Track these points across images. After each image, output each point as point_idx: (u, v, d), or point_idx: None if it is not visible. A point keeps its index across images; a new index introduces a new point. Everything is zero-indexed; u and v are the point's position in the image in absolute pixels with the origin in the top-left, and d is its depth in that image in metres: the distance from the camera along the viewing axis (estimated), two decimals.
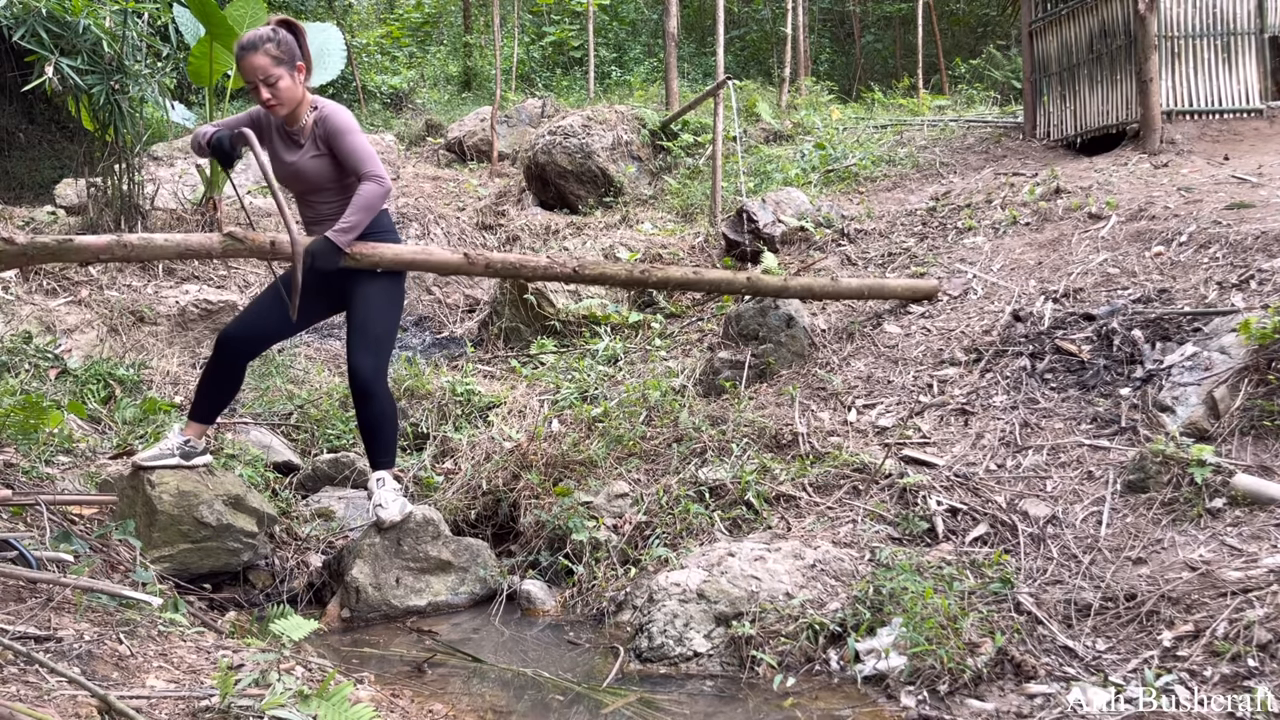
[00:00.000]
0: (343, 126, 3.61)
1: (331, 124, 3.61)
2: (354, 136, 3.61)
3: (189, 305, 7.01)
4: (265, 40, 3.53)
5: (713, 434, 4.30)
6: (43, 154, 11.47)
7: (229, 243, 3.42)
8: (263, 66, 3.50)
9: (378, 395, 3.75)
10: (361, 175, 3.58)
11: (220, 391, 3.78)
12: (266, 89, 3.52)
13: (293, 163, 3.67)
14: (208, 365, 3.76)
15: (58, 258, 3.43)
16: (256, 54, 3.50)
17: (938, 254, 5.73)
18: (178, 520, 3.66)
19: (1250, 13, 8.04)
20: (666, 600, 3.20)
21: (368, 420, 3.79)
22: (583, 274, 4.31)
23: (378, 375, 3.75)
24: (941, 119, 10.80)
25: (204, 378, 3.77)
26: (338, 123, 3.61)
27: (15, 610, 2.65)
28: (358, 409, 3.80)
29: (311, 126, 3.64)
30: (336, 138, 3.59)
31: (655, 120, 9.84)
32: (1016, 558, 3.25)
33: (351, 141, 3.60)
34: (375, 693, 2.66)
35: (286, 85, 3.55)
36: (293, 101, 3.58)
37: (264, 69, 3.51)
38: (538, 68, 18.14)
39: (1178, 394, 3.68)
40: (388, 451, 3.84)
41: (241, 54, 3.51)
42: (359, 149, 3.59)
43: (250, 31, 3.58)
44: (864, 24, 20.08)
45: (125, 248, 3.39)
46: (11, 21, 6.50)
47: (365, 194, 3.56)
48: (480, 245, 9.59)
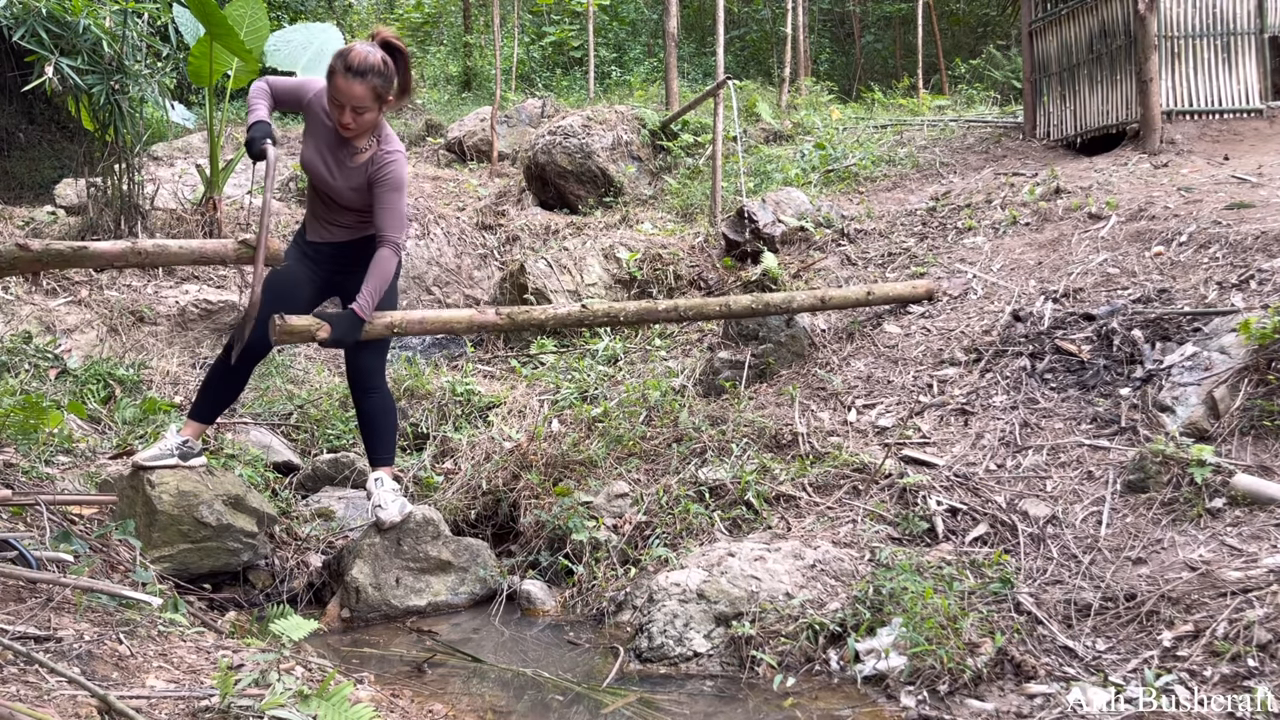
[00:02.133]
0: (396, 181, 3.53)
1: (387, 173, 3.52)
2: (399, 195, 3.55)
3: (189, 305, 7.01)
4: (375, 73, 3.38)
5: (713, 434, 4.30)
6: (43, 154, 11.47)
7: (243, 250, 3.42)
8: (360, 96, 3.38)
9: (378, 391, 3.77)
10: (384, 237, 3.53)
11: (227, 393, 3.77)
12: (353, 116, 3.41)
13: (337, 174, 3.57)
14: (216, 366, 3.72)
15: (72, 263, 3.44)
16: (363, 83, 3.36)
17: (938, 254, 5.73)
18: (178, 520, 3.66)
19: (1250, 13, 8.04)
20: (666, 600, 3.20)
21: (368, 417, 3.80)
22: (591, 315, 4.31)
23: (377, 371, 3.77)
24: (941, 119, 10.80)
25: (211, 378, 3.74)
26: (393, 175, 3.53)
27: (15, 610, 2.65)
28: (357, 406, 3.81)
29: (371, 157, 3.54)
30: (385, 187, 3.52)
31: (655, 120, 9.83)
32: (1016, 558, 3.25)
33: (394, 200, 3.54)
34: (375, 693, 2.66)
35: (371, 119, 3.47)
36: (368, 133, 3.52)
37: (361, 99, 3.38)
38: (538, 68, 18.14)
39: (1178, 394, 3.68)
40: (388, 449, 3.85)
41: (348, 77, 3.35)
42: (396, 210, 3.54)
43: (362, 52, 3.40)
44: (864, 24, 20.08)
45: (139, 254, 3.39)
46: (11, 21, 6.50)
47: (384, 265, 3.52)
48: (480, 245, 9.59)
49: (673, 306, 4.60)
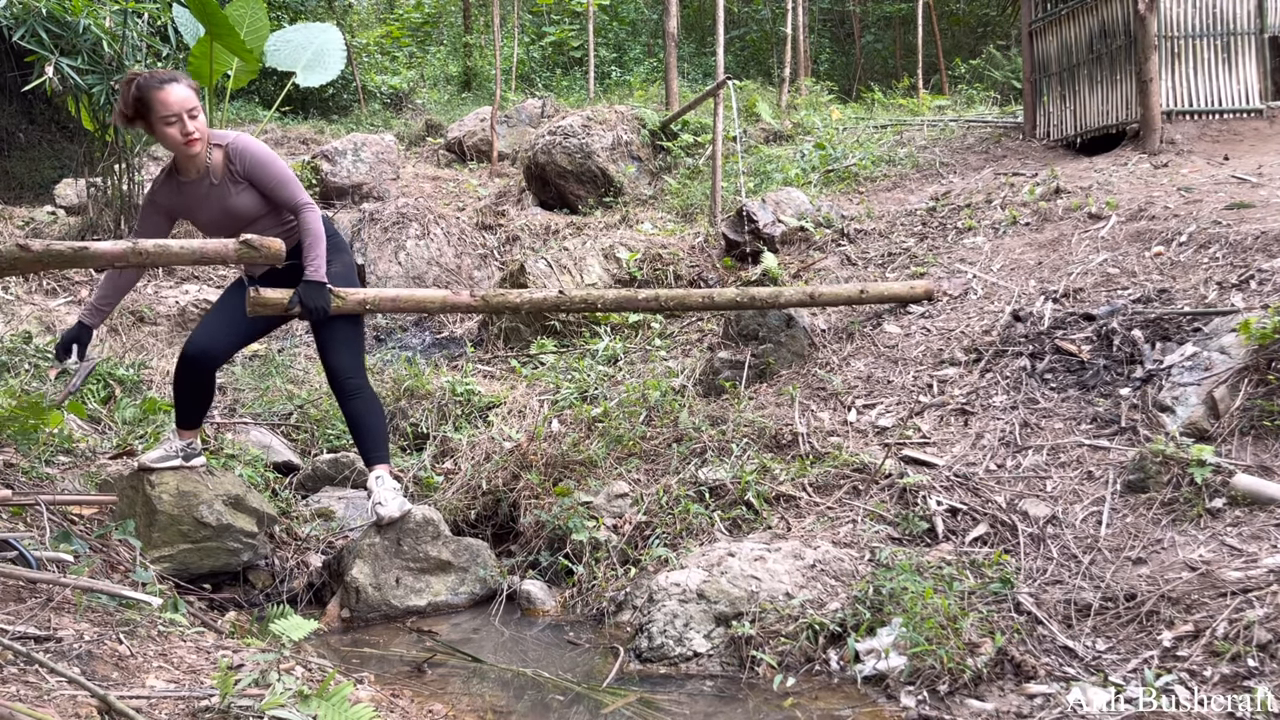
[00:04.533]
0: (263, 157, 3.54)
1: (250, 157, 3.52)
2: (276, 164, 3.56)
3: (189, 305, 7.02)
4: (180, 75, 3.46)
5: (713, 434, 4.30)
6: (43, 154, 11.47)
7: (244, 250, 3.42)
8: (187, 97, 3.41)
9: (360, 392, 3.77)
10: (295, 206, 3.56)
11: (199, 400, 3.79)
12: (192, 122, 3.43)
13: (221, 205, 3.55)
14: (178, 380, 3.72)
15: (73, 264, 3.44)
16: (180, 84, 3.41)
17: (938, 254, 5.73)
18: (178, 520, 3.66)
19: (1250, 13, 8.04)
20: (666, 600, 3.20)
21: (355, 419, 3.80)
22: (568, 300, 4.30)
23: (356, 371, 3.78)
24: (941, 119, 10.80)
25: (179, 392, 3.75)
26: (257, 154, 3.53)
27: (15, 610, 2.65)
28: (343, 408, 3.82)
29: (225, 163, 3.54)
30: (260, 169, 3.53)
31: (655, 120, 9.83)
32: (1016, 558, 3.25)
33: (277, 171, 3.55)
34: (375, 693, 2.66)
35: (202, 118, 3.50)
36: (204, 135, 3.51)
37: (188, 99, 3.41)
38: (538, 68, 18.14)
39: (1178, 394, 3.68)
40: (380, 445, 3.84)
41: (164, 87, 3.37)
42: (285, 177, 3.56)
43: (154, 70, 3.51)
44: (864, 24, 20.08)
45: (140, 254, 3.39)
46: (11, 21, 6.51)
47: (312, 227, 3.56)
48: (480, 245, 9.59)
49: (653, 296, 4.57)
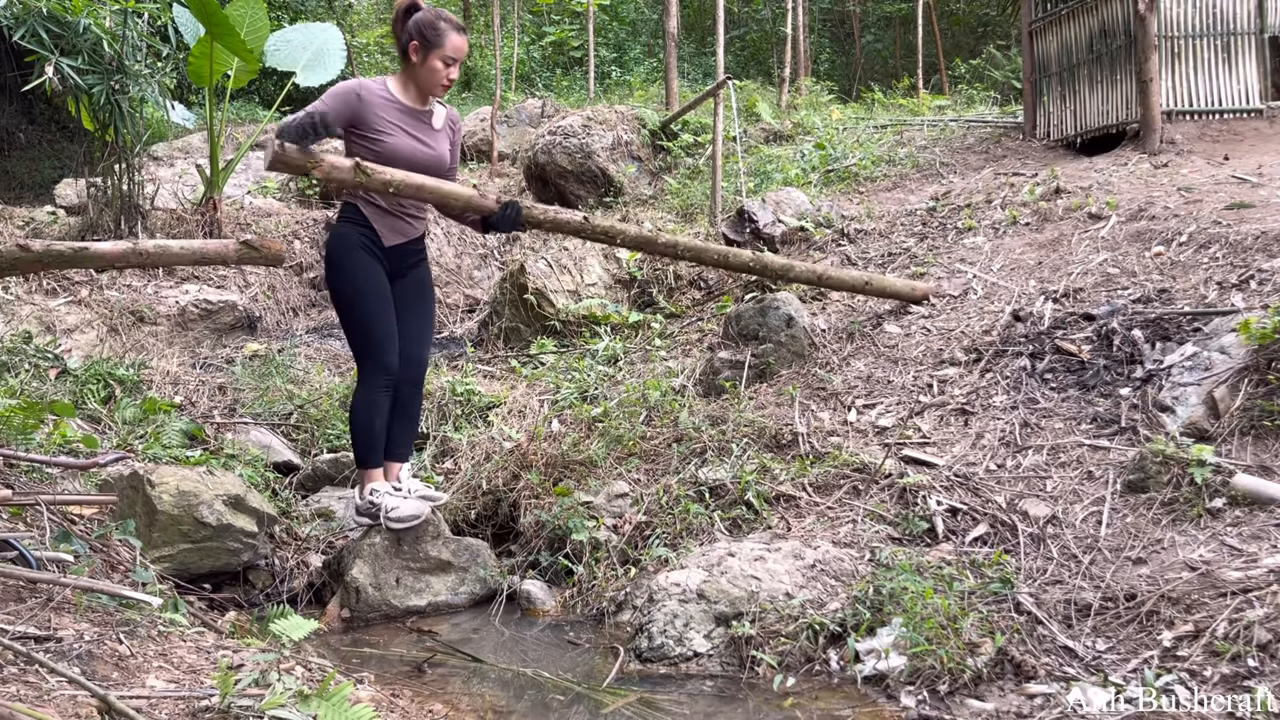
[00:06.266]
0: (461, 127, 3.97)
1: (459, 123, 3.94)
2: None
3: (189, 305, 7.02)
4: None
5: (713, 434, 4.30)
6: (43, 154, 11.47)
7: (244, 250, 3.43)
8: (465, 50, 3.70)
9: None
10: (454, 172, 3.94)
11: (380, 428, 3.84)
12: (456, 70, 3.70)
13: (438, 145, 3.79)
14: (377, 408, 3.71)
15: (73, 264, 3.44)
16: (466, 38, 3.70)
17: (938, 254, 5.73)
18: (178, 520, 3.66)
19: (1250, 13, 8.04)
20: (666, 600, 3.20)
21: (418, 412, 4.03)
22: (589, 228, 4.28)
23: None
24: (941, 119, 10.80)
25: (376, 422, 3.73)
26: (460, 123, 3.97)
27: (15, 610, 2.65)
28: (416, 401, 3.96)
29: (447, 118, 3.85)
30: (457, 135, 3.92)
31: (655, 120, 9.83)
32: (1016, 558, 3.25)
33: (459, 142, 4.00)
34: (375, 693, 2.66)
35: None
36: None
37: (465, 53, 3.71)
38: (538, 68, 18.14)
39: (1178, 394, 3.68)
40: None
41: (463, 35, 3.66)
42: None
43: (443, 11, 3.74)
44: (864, 24, 20.08)
45: (141, 254, 3.39)
46: (11, 21, 6.51)
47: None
48: (480, 245, 9.60)
49: (673, 242, 4.68)
